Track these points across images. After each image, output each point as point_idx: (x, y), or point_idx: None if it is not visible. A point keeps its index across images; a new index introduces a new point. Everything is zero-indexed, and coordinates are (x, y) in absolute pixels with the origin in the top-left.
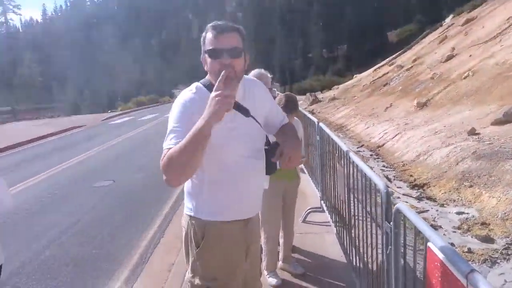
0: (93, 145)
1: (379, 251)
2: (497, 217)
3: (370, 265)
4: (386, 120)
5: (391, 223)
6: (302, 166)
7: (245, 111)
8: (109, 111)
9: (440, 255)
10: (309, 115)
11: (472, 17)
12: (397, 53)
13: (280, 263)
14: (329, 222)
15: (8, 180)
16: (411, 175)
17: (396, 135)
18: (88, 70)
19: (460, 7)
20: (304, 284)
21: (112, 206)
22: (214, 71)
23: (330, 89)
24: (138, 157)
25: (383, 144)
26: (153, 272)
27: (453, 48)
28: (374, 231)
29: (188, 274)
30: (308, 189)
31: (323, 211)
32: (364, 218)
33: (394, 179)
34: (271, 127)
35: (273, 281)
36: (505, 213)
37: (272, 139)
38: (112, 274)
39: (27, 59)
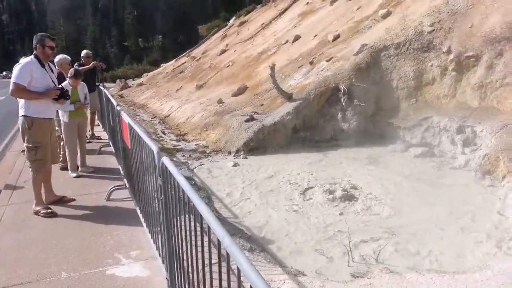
0: None
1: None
2: (212, 142)
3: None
4: (175, 98)
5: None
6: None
7: None
8: None
9: (124, 118)
10: (112, 100)
11: (245, 20)
12: (194, 47)
13: (79, 168)
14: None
15: None
16: (179, 130)
17: (178, 107)
18: None
19: (245, 9)
20: (93, 175)
21: None
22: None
23: (141, 77)
24: None
25: (169, 115)
26: None
27: (227, 45)
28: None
29: (25, 144)
30: None
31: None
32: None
33: (168, 133)
34: None
35: (73, 174)
36: (215, 140)
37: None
38: None
39: None
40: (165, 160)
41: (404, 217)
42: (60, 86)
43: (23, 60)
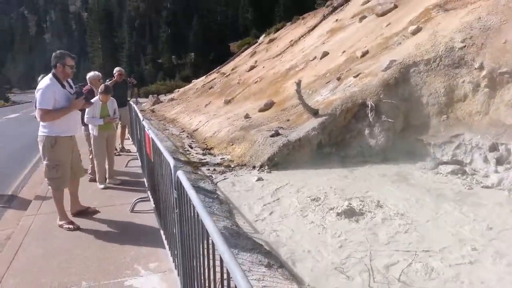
0: None
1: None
2: (237, 157)
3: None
4: (203, 113)
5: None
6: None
7: None
8: None
9: (149, 134)
10: (140, 115)
11: (274, 38)
12: (224, 63)
13: (107, 179)
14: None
15: None
16: (206, 144)
17: (206, 122)
18: None
19: (274, 27)
20: (120, 187)
21: None
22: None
23: (173, 92)
24: None
25: (197, 129)
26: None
27: (256, 61)
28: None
29: (45, 162)
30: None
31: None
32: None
33: (195, 147)
34: None
35: (101, 186)
36: (240, 154)
37: None
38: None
39: None
40: (180, 174)
41: (431, 237)
42: (77, 90)
43: (43, 83)
